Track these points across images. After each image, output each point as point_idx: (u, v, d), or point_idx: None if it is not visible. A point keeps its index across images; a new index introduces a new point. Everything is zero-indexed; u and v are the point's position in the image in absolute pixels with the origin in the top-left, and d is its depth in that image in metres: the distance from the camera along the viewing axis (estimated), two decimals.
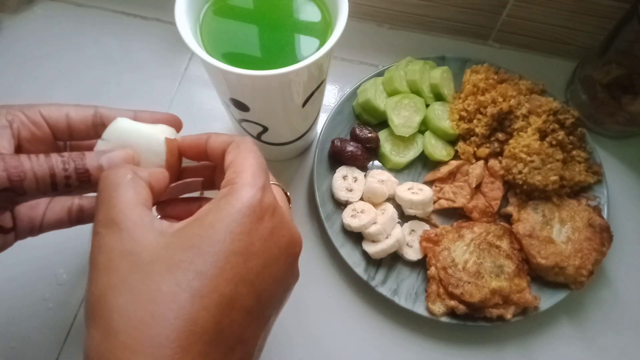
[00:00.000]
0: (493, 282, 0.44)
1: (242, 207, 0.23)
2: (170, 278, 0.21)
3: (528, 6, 0.55)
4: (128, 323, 0.20)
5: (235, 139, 0.28)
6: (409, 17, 0.60)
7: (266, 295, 0.24)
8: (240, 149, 0.27)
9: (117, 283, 0.21)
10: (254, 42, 0.40)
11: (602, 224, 0.46)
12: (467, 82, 0.53)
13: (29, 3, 0.64)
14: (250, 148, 0.27)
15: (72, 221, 0.32)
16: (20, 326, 0.46)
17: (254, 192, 0.24)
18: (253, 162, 0.26)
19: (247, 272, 0.23)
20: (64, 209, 0.32)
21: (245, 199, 0.24)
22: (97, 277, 0.22)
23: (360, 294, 0.48)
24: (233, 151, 0.27)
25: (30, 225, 0.31)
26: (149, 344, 0.20)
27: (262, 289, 0.23)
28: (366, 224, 0.46)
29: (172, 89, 0.58)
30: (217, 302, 0.21)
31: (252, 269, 0.23)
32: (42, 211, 0.31)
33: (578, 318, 0.47)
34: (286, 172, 0.53)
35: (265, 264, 0.24)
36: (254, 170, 0.26)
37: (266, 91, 0.38)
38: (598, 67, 0.52)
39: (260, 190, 0.25)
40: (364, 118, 0.53)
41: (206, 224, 0.23)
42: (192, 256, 0.22)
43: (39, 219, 0.31)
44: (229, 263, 0.22)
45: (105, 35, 0.62)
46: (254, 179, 0.25)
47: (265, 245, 0.24)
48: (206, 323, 0.21)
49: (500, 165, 0.50)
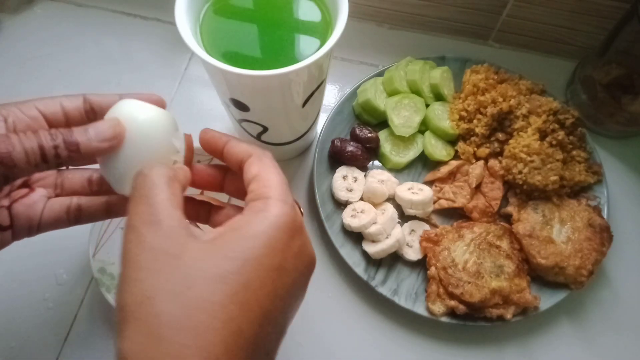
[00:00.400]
0: (493, 282, 0.44)
1: (280, 224, 0.24)
2: (218, 288, 0.21)
3: (528, 6, 0.55)
4: (176, 330, 0.20)
5: (256, 151, 0.28)
6: (409, 17, 0.60)
7: (289, 310, 0.25)
8: (264, 163, 0.28)
9: (164, 287, 0.21)
10: (254, 42, 0.40)
11: (602, 224, 0.46)
12: (467, 82, 0.53)
13: (29, 3, 0.64)
14: (273, 163, 0.28)
15: (70, 220, 0.32)
16: (20, 326, 0.46)
17: (288, 210, 0.25)
18: (279, 178, 0.27)
19: (281, 288, 0.23)
20: (62, 207, 0.32)
21: (281, 215, 0.24)
22: (140, 276, 0.21)
23: (360, 294, 0.48)
24: (256, 163, 0.28)
25: (28, 223, 0.30)
26: (196, 354, 0.20)
27: (288, 304, 0.24)
28: (366, 224, 0.46)
29: (172, 89, 0.58)
30: (259, 315, 0.22)
31: (285, 285, 0.24)
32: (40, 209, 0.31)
33: (578, 318, 0.47)
34: (286, 172, 0.53)
35: (294, 281, 0.24)
36: (283, 187, 0.26)
37: (266, 91, 0.38)
38: (598, 67, 0.52)
39: (292, 208, 0.25)
40: (364, 118, 0.53)
41: (248, 237, 0.23)
42: (238, 268, 0.22)
43: (37, 217, 0.31)
44: (269, 278, 0.23)
45: (105, 35, 0.62)
46: (285, 195, 0.26)
47: (295, 263, 0.25)
48: (249, 335, 0.21)
49: (500, 165, 0.50)
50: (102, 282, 0.43)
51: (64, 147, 0.25)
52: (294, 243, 0.25)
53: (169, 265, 0.22)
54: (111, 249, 0.45)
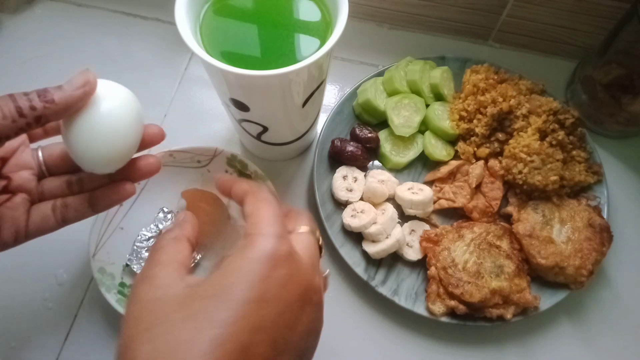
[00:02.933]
0: (493, 282, 0.44)
1: (258, 256, 0.24)
2: (190, 326, 0.22)
3: (528, 6, 0.55)
4: None
5: (252, 188, 0.30)
6: (409, 17, 0.60)
7: (282, 343, 0.24)
8: (257, 198, 0.29)
9: (143, 331, 0.23)
10: (254, 42, 0.40)
11: (602, 224, 0.46)
12: (467, 82, 0.53)
13: (29, 3, 0.64)
14: (264, 197, 0.29)
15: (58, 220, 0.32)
16: (20, 326, 0.46)
17: (270, 242, 0.25)
18: (267, 211, 0.27)
19: (262, 320, 0.23)
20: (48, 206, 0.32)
21: (260, 248, 0.25)
22: (127, 325, 0.23)
23: (360, 294, 0.48)
24: (250, 202, 0.29)
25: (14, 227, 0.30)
26: None
27: (277, 336, 0.24)
28: (366, 224, 0.46)
29: (172, 89, 0.58)
30: (235, 350, 0.22)
31: (267, 317, 0.23)
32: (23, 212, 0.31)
33: (578, 318, 0.47)
34: (286, 172, 0.53)
35: (280, 311, 0.24)
36: (269, 220, 0.27)
37: (266, 91, 0.38)
38: (598, 67, 0.52)
39: (275, 239, 0.25)
40: (364, 118, 0.53)
41: (225, 274, 0.24)
42: (210, 305, 0.23)
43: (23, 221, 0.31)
44: (245, 311, 0.23)
45: (105, 35, 0.62)
46: (269, 228, 0.26)
47: (279, 293, 0.24)
48: None
49: (500, 165, 0.50)
50: (102, 282, 0.43)
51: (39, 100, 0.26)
52: (276, 273, 0.24)
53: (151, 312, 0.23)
54: (111, 249, 0.45)
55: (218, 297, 0.23)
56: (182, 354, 0.21)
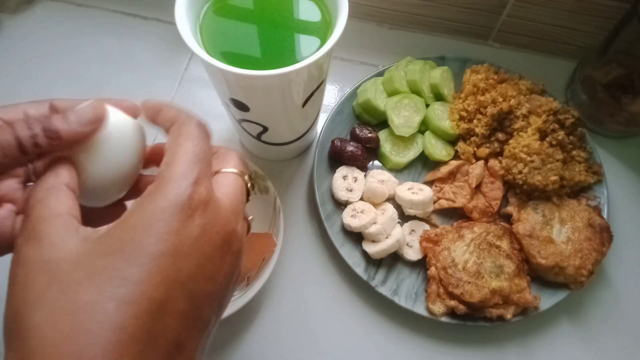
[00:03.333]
0: (493, 282, 0.44)
1: (168, 206, 0.21)
2: (92, 287, 0.19)
3: (528, 6, 0.55)
4: (45, 340, 0.19)
5: (179, 118, 0.25)
6: (409, 17, 0.60)
7: (202, 297, 0.22)
8: (179, 132, 0.24)
9: (34, 297, 0.20)
10: (254, 42, 0.40)
11: (602, 224, 0.46)
12: (467, 82, 0.53)
13: (29, 3, 0.64)
14: (189, 132, 0.24)
15: None
16: None
17: (182, 188, 0.22)
18: (188, 150, 0.23)
19: (177, 274, 0.21)
20: None
21: (171, 195, 0.22)
22: (13, 292, 0.20)
23: (360, 294, 0.48)
24: (172, 135, 0.25)
25: None
26: None
27: (197, 290, 0.22)
28: (366, 224, 0.46)
29: (172, 89, 0.58)
30: (147, 309, 0.20)
31: (182, 271, 0.21)
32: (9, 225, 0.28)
33: (578, 318, 0.47)
34: (286, 172, 0.53)
35: (198, 264, 0.22)
36: (187, 161, 0.23)
37: (266, 91, 0.38)
38: (598, 67, 0.52)
39: (191, 185, 0.22)
40: (364, 118, 0.53)
41: (128, 227, 0.21)
42: (114, 262, 0.20)
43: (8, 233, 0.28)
44: (156, 266, 0.20)
45: (105, 35, 0.62)
46: (185, 171, 0.23)
47: (197, 244, 0.22)
48: (136, 332, 0.19)
49: (500, 165, 0.50)
50: None
51: (44, 136, 0.23)
52: (192, 223, 0.22)
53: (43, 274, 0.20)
54: None
55: (124, 252, 0.20)
56: (84, 318, 0.19)
